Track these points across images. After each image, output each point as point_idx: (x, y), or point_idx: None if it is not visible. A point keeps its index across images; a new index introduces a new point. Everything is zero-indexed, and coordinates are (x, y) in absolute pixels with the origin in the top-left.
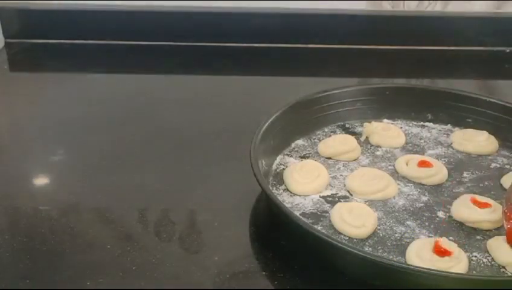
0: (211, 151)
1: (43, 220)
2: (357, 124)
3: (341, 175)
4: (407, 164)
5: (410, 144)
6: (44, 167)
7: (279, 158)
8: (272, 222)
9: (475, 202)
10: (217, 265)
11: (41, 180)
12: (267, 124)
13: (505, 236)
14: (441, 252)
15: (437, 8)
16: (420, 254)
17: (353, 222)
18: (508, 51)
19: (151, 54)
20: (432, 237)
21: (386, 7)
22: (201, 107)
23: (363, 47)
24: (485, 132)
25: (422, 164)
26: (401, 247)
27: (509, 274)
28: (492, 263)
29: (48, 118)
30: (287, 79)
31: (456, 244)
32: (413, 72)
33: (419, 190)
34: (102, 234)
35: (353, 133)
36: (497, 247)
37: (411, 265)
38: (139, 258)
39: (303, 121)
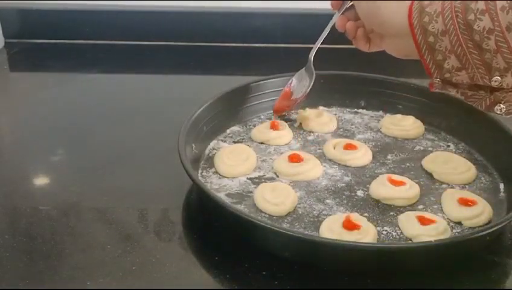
0: None
1: (43, 220)
2: (293, 112)
3: (270, 159)
4: (334, 147)
5: (342, 129)
6: (44, 167)
7: (213, 143)
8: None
9: (391, 181)
10: (217, 265)
11: (41, 180)
12: (198, 112)
13: (415, 211)
14: (350, 226)
15: None
16: (331, 228)
17: (272, 200)
18: None
19: (151, 54)
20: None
21: None
22: None
23: None
24: (411, 116)
25: (348, 146)
26: (318, 223)
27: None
28: (401, 235)
29: (47, 118)
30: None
31: (365, 219)
32: (414, 71)
33: (343, 171)
34: (102, 234)
35: (289, 120)
36: (406, 221)
37: (311, 235)
38: (139, 258)
39: (239, 109)
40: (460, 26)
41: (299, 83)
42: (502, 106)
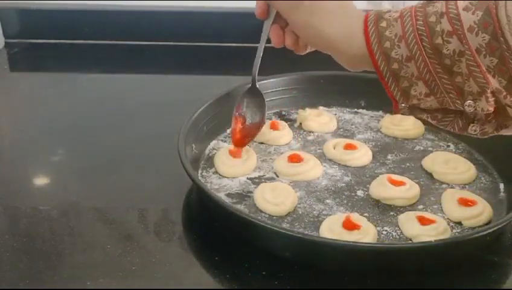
0: None
1: (43, 220)
2: (293, 111)
3: (270, 159)
4: (334, 147)
5: (342, 129)
6: (44, 167)
7: (213, 143)
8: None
9: (391, 181)
10: (217, 265)
11: (41, 180)
12: (198, 112)
13: (415, 211)
14: (350, 226)
15: None
16: (331, 228)
17: (273, 200)
18: None
19: (150, 54)
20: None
21: (386, 7)
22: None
23: None
24: (411, 116)
25: (348, 146)
26: (318, 223)
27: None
28: (401, 235)
29: (48, 118)
30: None
31: (365, 219)
32: None
33: (343, 171)
34: (102, 234)
35: (289, 120)
36: (406, 221)
37: (311, 235)
38: (139, 258)
39: None
40: (426, 50)
41: (248, 107)
42: (475, 126)
